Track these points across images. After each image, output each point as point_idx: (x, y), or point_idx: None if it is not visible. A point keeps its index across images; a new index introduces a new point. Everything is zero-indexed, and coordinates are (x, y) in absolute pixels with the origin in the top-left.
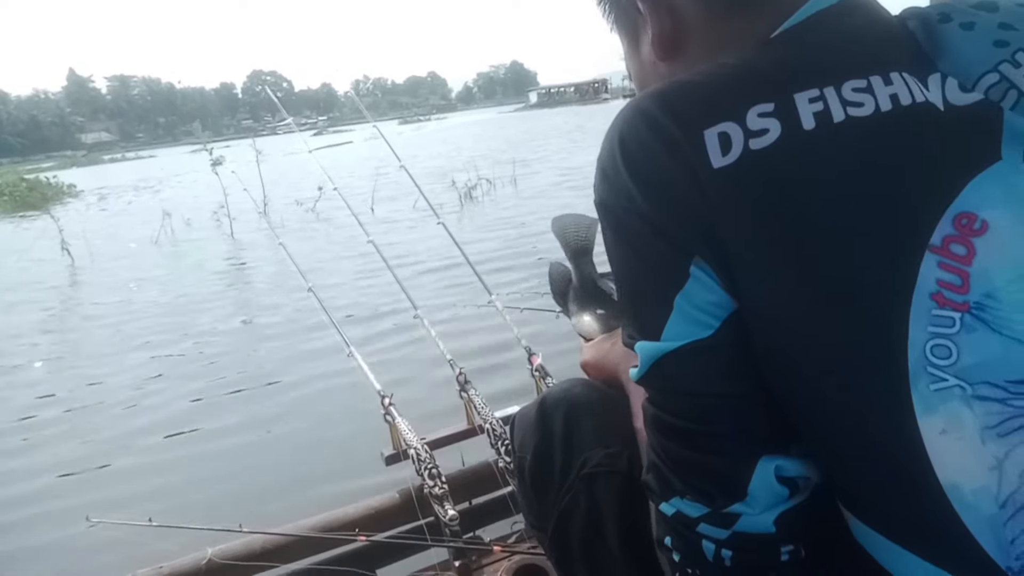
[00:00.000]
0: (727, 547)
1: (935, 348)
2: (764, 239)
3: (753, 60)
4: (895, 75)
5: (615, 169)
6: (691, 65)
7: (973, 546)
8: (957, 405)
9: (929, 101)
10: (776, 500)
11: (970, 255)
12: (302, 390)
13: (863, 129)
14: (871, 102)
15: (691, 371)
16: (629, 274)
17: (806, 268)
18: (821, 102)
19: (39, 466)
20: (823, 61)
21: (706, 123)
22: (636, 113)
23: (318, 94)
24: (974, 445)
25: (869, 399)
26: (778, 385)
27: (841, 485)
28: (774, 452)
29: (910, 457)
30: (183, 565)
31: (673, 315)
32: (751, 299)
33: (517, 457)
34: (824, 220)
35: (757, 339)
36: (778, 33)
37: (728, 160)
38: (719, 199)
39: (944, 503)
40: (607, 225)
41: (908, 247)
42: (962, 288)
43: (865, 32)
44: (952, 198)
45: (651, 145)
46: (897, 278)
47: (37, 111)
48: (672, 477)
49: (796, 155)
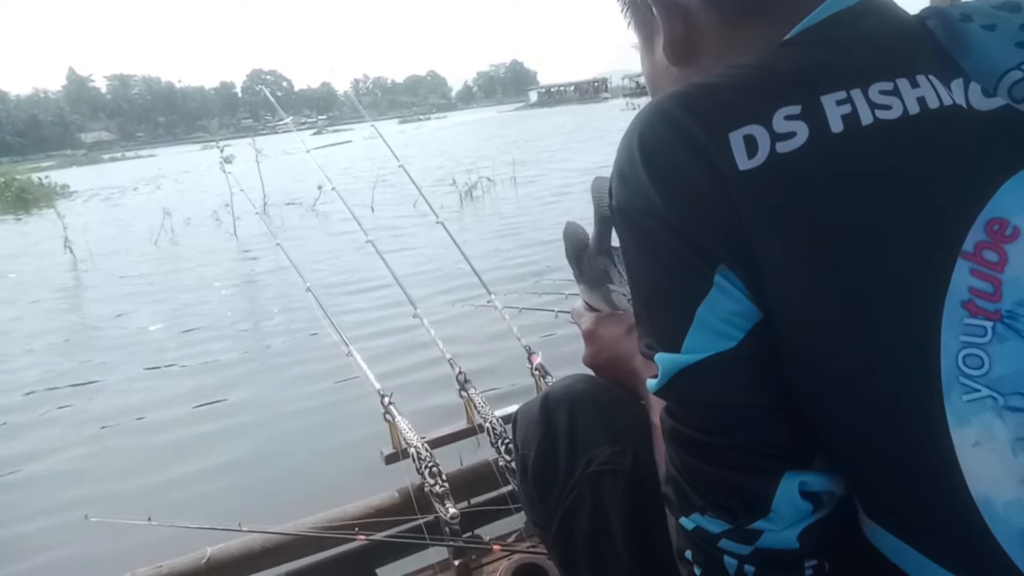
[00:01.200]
0: (750, 563)
1: (967, 358)
2: (793, 244)
3: (773, 62)
4: (921, 77)
5: (634, 172)
6: (704, 70)
7: (1002, 559)
8: (989, 416)
9: (956, 104)
10: (800, 516)
11: (1002, 262)
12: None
13: (892, 132)
14: (899, 105)
15: (713, 384)
16: (648, 282)
17: (836, 274)
18: (849, 104)
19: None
20: (846, 63)
21: (731, 126)
22: (656, 114)
23: (318, 93)
24: (1006, 457)
25: (901, 409)
26: (806, 394)
27: (868, 494)
28: (798, 467)
29: (943, 469)
30: (183, 564)
31: (694, 326)
32: (779, 306)
33: (520, 454)
34: (854, 225)
35: (785, 347)
36: (795, 35)
37: (754, 163)
38: (745, 203)
39: (975, 515)
40: (625, 231)
41: (941, 253)
42: (994, 296)
43: (886, 33)
44: (984, 203)
45: (673, 147)
46: (929, 285)
47: (37, 110)
48: (692, 493)
49: (825, 158)
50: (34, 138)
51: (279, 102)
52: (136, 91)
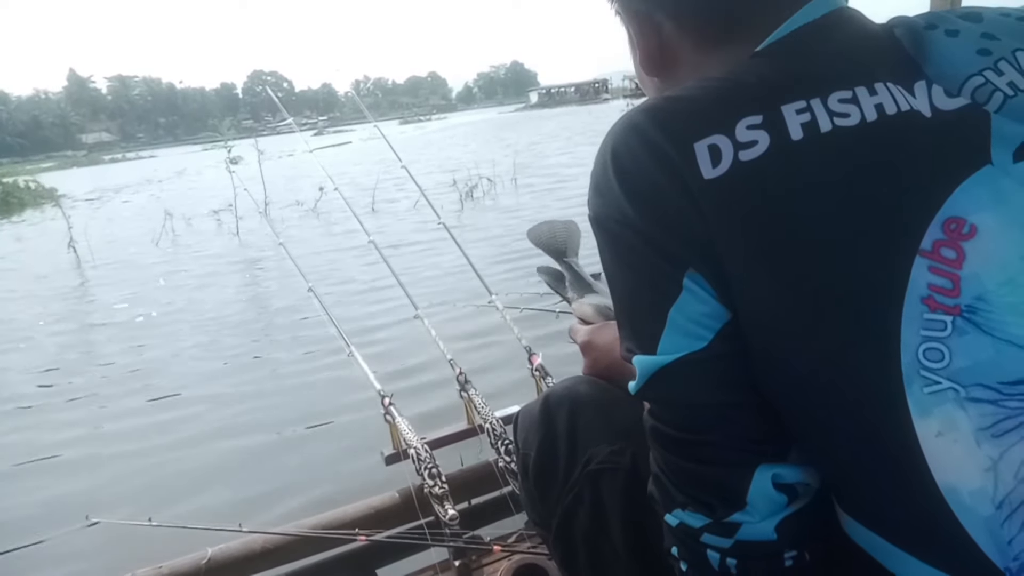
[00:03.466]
0: (731, 556)
1: (928, 351)
2: (756, 248)
3: (740, 74)
4: (880, 85)
5: (607, 184)
6: (681, 80)
7: (971, 548)
8: (951, 407)
9: (914, 109)
10: (775, 508)
11: (960, 259)
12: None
13: (850, 138)
14: (856, 112)
15: (686, 383)
16: (624, 288)
17: (798, 275)
18: (808, 113)
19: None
20: (808, 73)
21: (696, 136)
22: (628, 128)
23: (318, 94)
24: (969, 447)
25: (865, 403)
26: (775, 391)
27: (841, 489)
28: (772, 460)
29: (908, 460)
30: (183, 564)
31: (667, 328)
32: (744, 307)
33: (521, 454)
34: (815, 228)
35: (753, 345)
36: (763, 48)
37: (718, 172)
38: (710, 210)
39: (942, 505)
40: (602, 240)
41: (898, 252)
42: (953, 292)
43: (850, 44)
44: (941, 203)
45: (643, 159)
46: (888, 283)
47: (38, 111)
48: (673, 489)
49: (785, 165)
50: (35, 139)
51: (280, 103)
52: (137, 92)
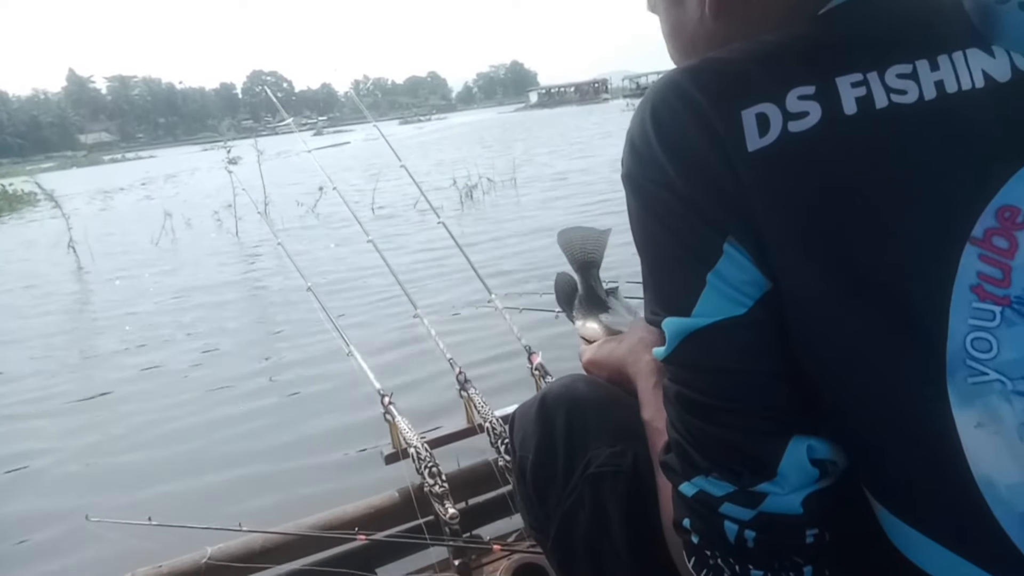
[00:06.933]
0: (751, 528)
1: (975, 341)
2: (800, 224)
3: (794, 39)
4: (943, 58)
5: (646, 142)
6: (741, 27)
7: (1004, 541)
8: (996, 400)
9: (976, 87)
10: (806, 481)
11: (1013, 249)
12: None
13: (906, 117)
14: (915, 89)
15: (724, 348)
16: (657, 249)
17: (842, 255)
18: (864, 87)
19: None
20: (868, 43)
21: (744, 103)
22: (669, 87)
23: (318, 94)
24: (1011, 440)
25: (902, 388)
26: (811, 366)
27: (871, 474)
28: (806, 432)
29: (943, 448)
30: (183, 564)
31: (706, 291)
32: (786, 281)
33: (518, 456)
34: (862, 207)
35: (792, 319)
36: (827, 10)
37: (765, 142)
38: (754, 181)
39: (977, 497)
40: (634, 199)
41: (948, 238)
42: (1003, 282)
43: (915, 11)
44: (996, 191)
45: (684, 120)
46: (936, 269)
47: (37, 111)
48: (696, 455)
49: (836, 140)
50: (35, 139)
51: (279, 103)
52: (136, 92)
